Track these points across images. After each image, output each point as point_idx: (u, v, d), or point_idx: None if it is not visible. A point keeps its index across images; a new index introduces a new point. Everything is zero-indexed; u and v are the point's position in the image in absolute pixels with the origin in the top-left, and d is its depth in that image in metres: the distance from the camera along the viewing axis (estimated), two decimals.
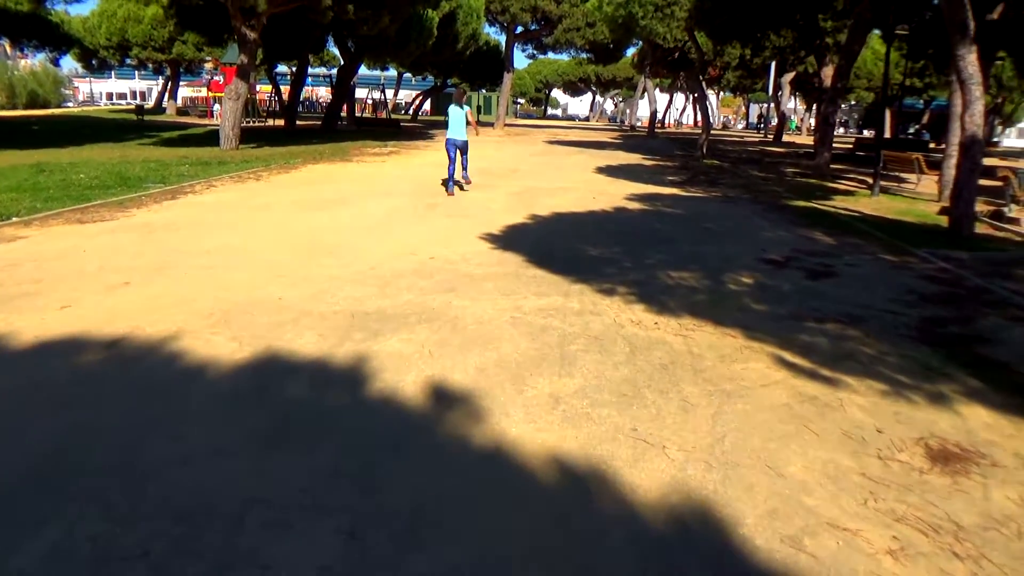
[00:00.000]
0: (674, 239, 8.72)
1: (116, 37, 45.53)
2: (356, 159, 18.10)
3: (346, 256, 7.09)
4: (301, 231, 8.38)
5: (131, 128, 32.12)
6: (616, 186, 14.11)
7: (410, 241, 7.97)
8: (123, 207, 9.81)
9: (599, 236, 8.67)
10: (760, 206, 12.17)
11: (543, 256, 7.38)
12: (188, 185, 12.26)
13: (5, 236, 7.63)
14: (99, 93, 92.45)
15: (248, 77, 20.89)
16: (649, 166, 19.60)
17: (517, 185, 13.59)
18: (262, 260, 6.82)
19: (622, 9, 19.98)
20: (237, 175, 13.99)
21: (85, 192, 10.97)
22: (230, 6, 19.44)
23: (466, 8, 30.31)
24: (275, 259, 6.89)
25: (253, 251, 7.22)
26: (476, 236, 8.37)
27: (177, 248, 7.25)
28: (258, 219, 9.11)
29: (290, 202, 10.60)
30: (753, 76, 52.35)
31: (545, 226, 9.30)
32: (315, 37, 30.46)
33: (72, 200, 10.17)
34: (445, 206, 10.66)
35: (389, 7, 19.75)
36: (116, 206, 9.88)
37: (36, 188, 11.37)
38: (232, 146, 20.17)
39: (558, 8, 37.77)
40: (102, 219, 8.87)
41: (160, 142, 23.66)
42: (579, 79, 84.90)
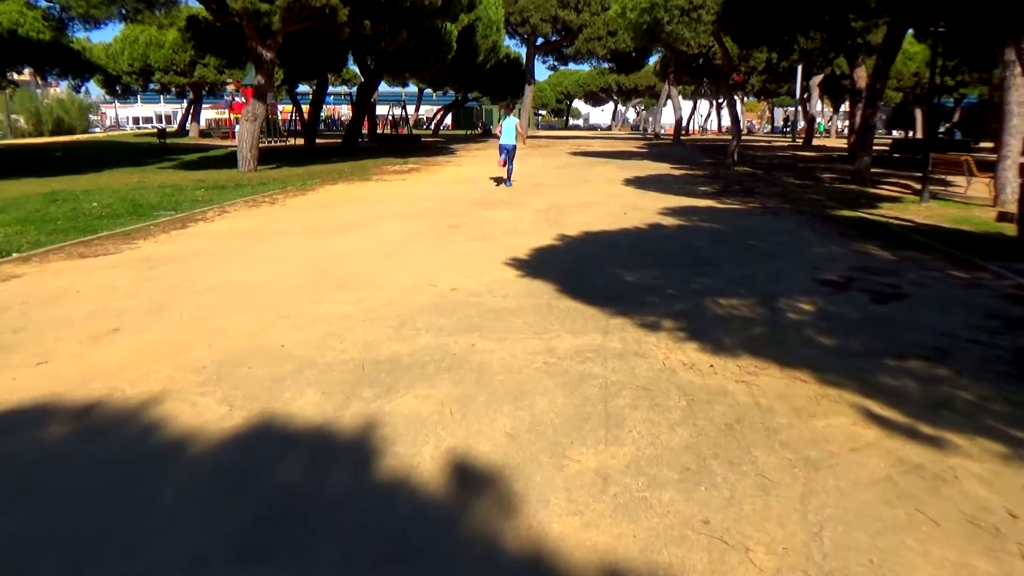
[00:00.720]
0: (718, 259, 7.98)
1: (138, 62, 45.87)
2: (376, 178, 17.58)
3: (359, 289, 6.47)
4: (313, 260, 7.79)
5: (153, 152, 32.10)
6: (647, 199, 13.39)
7: (430, 269, 7.33)
8: (129, 239, 9.30)
9: (635, 258, 7.96)
10: (804, 217, 11.37)
11: (576, 284, 6.69)
12: (200, 212, 11.78)
13: (1, 275, 7.14)
14: (125, 118, 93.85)
15: (265, 97, 20.53)
16: (678, 176, 18.84)
17: (542, 201, 12.93)
18: (268, 297, 6.22)
19: (646, 15, 19.30)
20: (252, 199, 13.51)
21: (93, 223, 10.52)
22: (245, 27, 19.11)
23: (485, 21, 29.84)
24: (282, 295, 6.27)
25: (259, 286, 6.62)
26: (501, 262, 7.71)
27: (178, 285, 6.68)
28: (269, 248, 8.54)
29: (304, 227, 10.03)
30: (778, 80, 51.36)
31: (575, 248, 8.62)
32: (334, 56, 30.20)
33: (78, 232, 9.71)
34: (468, 227, 10.02)
35: (407, 21, 19.28)
36: (122, 237, 9.38)
37: (44, 219, 10.96)
38: (250, 168, 19.80)
39: (579, 18, 37.23)
40: (105, 252, 8.35)
41: (180, 165, 23.45)
42: (600, 89, 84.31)
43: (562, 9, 36.57)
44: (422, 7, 18.29)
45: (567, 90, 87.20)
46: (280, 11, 16.58)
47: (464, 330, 5.29)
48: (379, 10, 18.12)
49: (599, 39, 38.27)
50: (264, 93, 20.28)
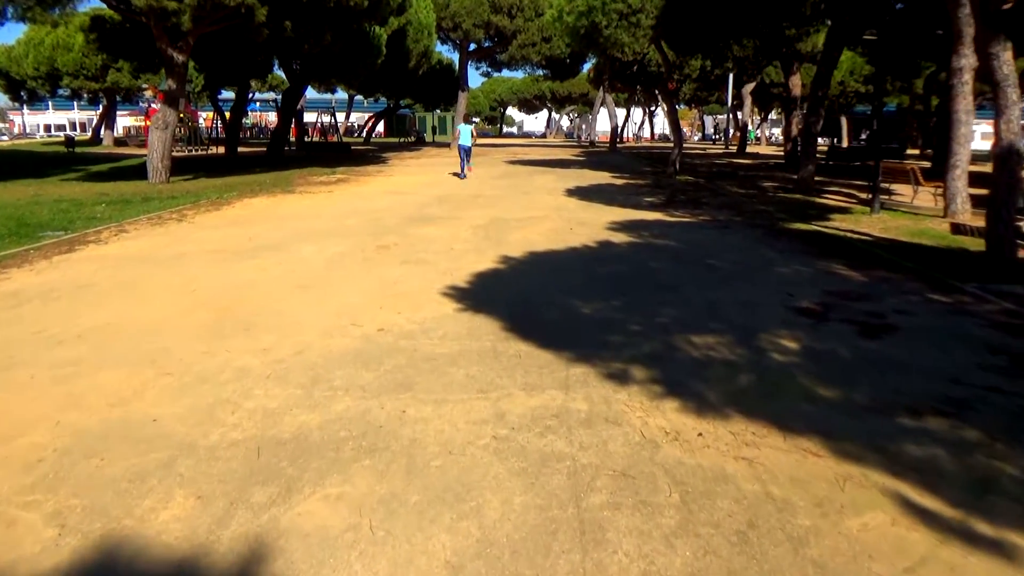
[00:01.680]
0: (679, 283, 7.17)
1: (44, 66, 42.95)
2: (300, 190, 16.32)
3: (267, 332, 5.37)
4: (216, 293, 6.63)
5: (59, 162, 29.81)
6: (592, 212, 12.58)
7: (354, 302, 6.27)
8: (0, 267, 7.93)
9: (588, 284, 7.08)
10: (758, 231, 10.73)
11: (525, 319, 5.75)
12: (95, 232, 10.38)
13: None
14: (36, 125, 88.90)
15: (177, 103, 18.98)
16: (620, 185, 18.17)
17: (482, 215, 11.98)
18: (151, 345, 5.06)
19: (584, 19, 18.59)
20: (158, 215, 12.13)
21: None
22: (153, 27, 17.58)
23: (416, 25, 28.77)
24: (169, 343, 5.13)
25: (143, 330, 5.45)
26: (438, 291, 6.71)
27: (41, 331, 5.45)
28: (165, 277, 7.31)
29: (212, 250, 8.81)
30: (709, 88, 51.89)
31: (521, 272, 7.68)
32: (258, 60, 28.65)
33: None
34: (399, 248, 8.98)
35: (331, 23, 18.07)
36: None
37: None
38: (162, 179, 18.24)
39: (512, 23, 36.49)
40: None
41: (86, 176, 21.59)
42: (534, 96, 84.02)
43: (495, 14, 35.76)
44: (347, 8, 17.13)
45: (501, 97, 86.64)
46: (190, 10, 15.20)
47: (392, 388, 4.28)
48: (301, 11, 16.88)
49: (533, 45, 37.59)
50: (176, 99, 18.74)
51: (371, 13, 19.32)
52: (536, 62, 39.87)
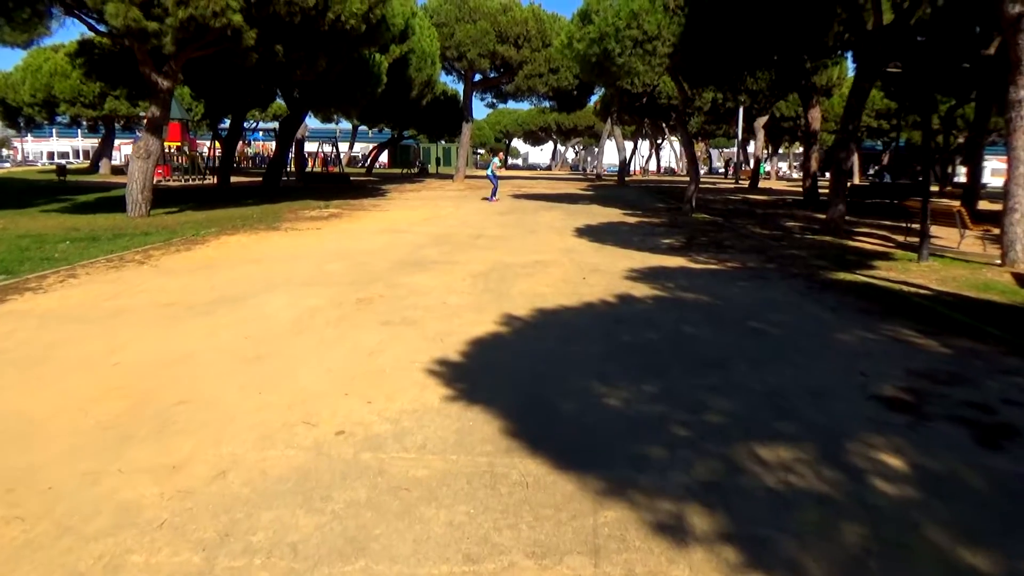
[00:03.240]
0: (724, 357, 5.77)
1: (42, 93, 42.15)
2: (286, 227, 15.02)
3: (184, 437, 3.98)
4: (141, 369, 5.24)
5: (47, 191, 28.73)
6: (606, 256, 11.24)
7: (314, 385, 4.89)
8: None
9: (613, 357, 5.69)
10: (798, 282, 9.36)
11: (534, 415, 4.37)
12: (39, 277, 9.05)
13: None
14: (39, 153, 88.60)
15: (160, 132, 17.82)
16: (634, 224, 16.86)
17: (482, 259, 10.65)
18: (13, 464, 3.66)
19: (596, 47, 17.44)
20: (119, 256, 10.82)
21: None
22: (137, 50, 16.48)
23: (419, 53, 27.76)
24: (42, 458, 3.72)
25: (13, 435, 4.06)
26: (423, 366, 5.33)
27: None
28: (88, 344, 5.94)
29: (162, 303, 7.45)
30: (719, 121, 51.02)
31: (528, 338, 6.29)
32: (259, 89, 27.63)
33: None
34: (383, 302, 7.61)
35: (326, 48, 16.94)
36: None
37: None
38: (141, 212, 17.00)
39: (519, 54, 35.61)
40: None
41: (68, 208, 20.40)
42: (540, 128, 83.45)
43: (501, 44, 34.89)
44: (342, 32, 16.00)
45: (506, 129, 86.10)
46: (172, 31, 14.04)
47: (337, 552, 2.88)
48: (293, 35, 15.74)
49: (540, 76, 36.65)
50: (159, 126, 17.57)
51: (369, 39, 18.21)
52: (543, 93, 38.92)
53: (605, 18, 17.36)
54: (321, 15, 15.23)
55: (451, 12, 34.24)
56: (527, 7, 35.69)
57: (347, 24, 15.66)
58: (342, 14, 15.43)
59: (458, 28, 34.18)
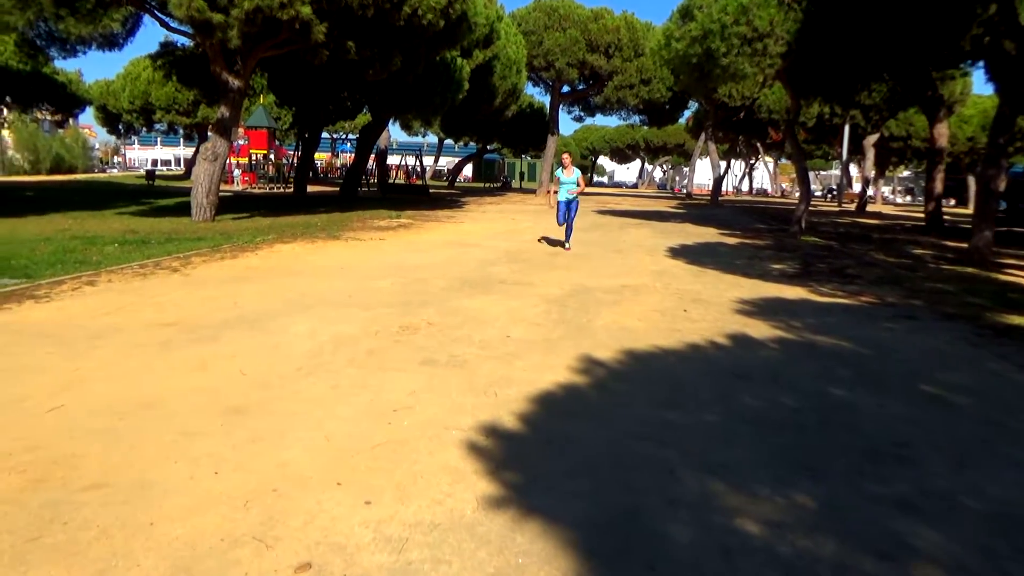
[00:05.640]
0: (903, 443, 3.90)
1: (139, 100, 43.24)
2: (348, 236, 13.78)
3: (51, 567, 2.48)
4: (80, 420, 3.82)
5: (132, 194, 28.96)
6: (708, 283, 9.39)
7: (296, 463, 3.34)
8: None
9: (737, 437, 3.91)
10: (961, 326, 7.27)
11: (623, 562, 2.68)
12: (53, 283, 7.97)
13: None
14: (145, 160, 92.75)
15: (229, 133, 17.01)
16: (734, 245, 14.84)
17: (560, 281, 9.00)
18: None
19: (698, 46, 15.59)
20: (156, 262, 9.73)
21: None
22: (208, 49, 15.74)
23: (504, 60, 26.44)
24: None
25: None
26: (460, 439, 3.71)
27: None
28: (38, 375, 4.59)
29: (162, 323, 6.12)
30: (821, 139, 47.77)
31: (613, 398, 4.58)
32: (342, 98, 26.96)
33: None
34: (430, 333, 6.06)
35: (401, 46, 15.74)
36: None
37: None
38: (206, 217, 16.20)
39: (609, 63, 33.94)
40: None
41: (141, 211, 20.02)
42: (627, 145, 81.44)
43: (591, 53, 33.31)
44: (419, 28, 14.73)
45: (592, 145, 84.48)
46: (238, 23, 13.07)
47: None
48: (366, 30, 14.59)
49: (631, 87, 34.84)
50: (228, 128, 16.75)
51: (448, 38, 16.93)
52: (633, 106, 37.04)
53: (709, 14, 15.50)
54: (396, 8, 14.01)
55: (539, 20, 32.94)
56: (619, 15, 34.05)
57: (424, 19, 14.39)
58: (419, 8, 14.18)
59: (546, 36, 32.83)
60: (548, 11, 33.28)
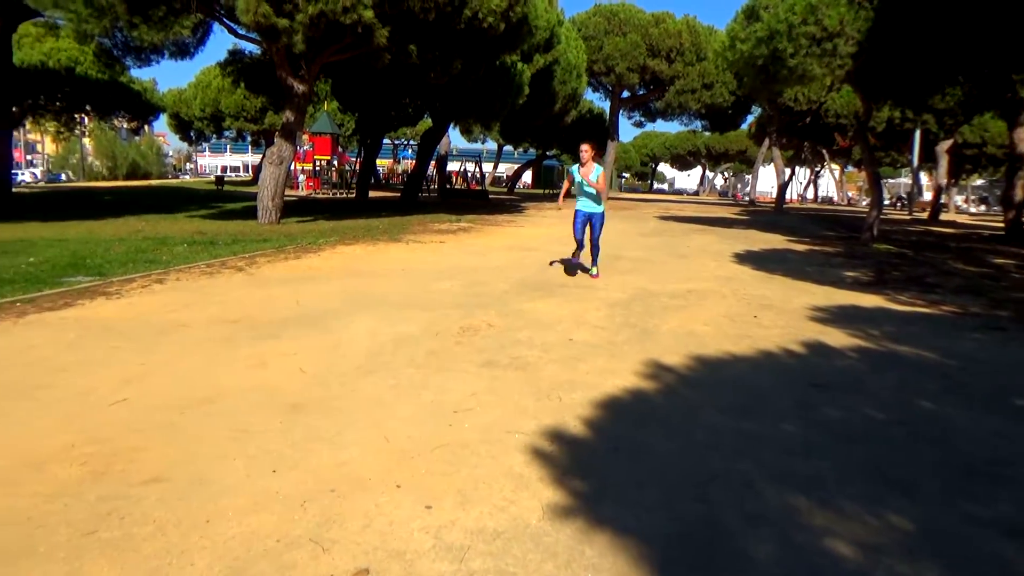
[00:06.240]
0: (1001, 461, 3.57)
1: (210, 108, 44.68)
2: (409, 239, 13.81)
3: (105, 561, 2.41)
4: (142, 413, 3.82)
5: (202, 199, 29.92)
6: (777, 288, 9.03)
7: (355, 463, 3.24)
8: None
9: (821, 449, 3.64)
10: None
11: (698, 560, 2.48)
12: (123, 280, 8.16)
13: None
14: (215, 167, 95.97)
15: (294, 137, 17.30)
16: (803, 252, 14.33)
17: (621, 285, 8.79)
18: None
19: (764, 47, 15.14)
20: (223, 262, 9.90)
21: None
22: (274, 54, 16.05)
23: (564, 64, 26.28)
24: None
25: None
26: (523, 443, 3.56)
27: None
28: (104, 369, 4.64)
29: (227, 320, 6.16)
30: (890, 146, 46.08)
31: (683, 405, 4.36)
32: (403, 103, 27.25)
33: None
34: (490, 335, 5.94)
35: (462, 50, 15.75)
36: None
37: None
38: (271, 219, 16.49)
39: (670, 68, 33.46)
40: None
41: (210, 214, 20.64)
42: (688, 152, 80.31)
43: (652, 58, 32.89)
44: (479, 31, 14.71)
45: (652, 152, 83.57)
46: (303, 28, 13.26)
47: None
48: (427, 33, 14.64)
49: (692, 92, 34.28)
50: (293, 132, 17.05)
51: (509, 42, 16.87)
52: (694, 111, 36.44)
53: (776, 14, 15.04)
54: (457, 12, 14.01)
55: (600, 25, 32.71)
56: (681, 19, 33.55)
57: (484, 22, 14.36)
58: (479, 11, 14.15)
59: (606, 41, 32.56)
60: (608, 16, 33.02)
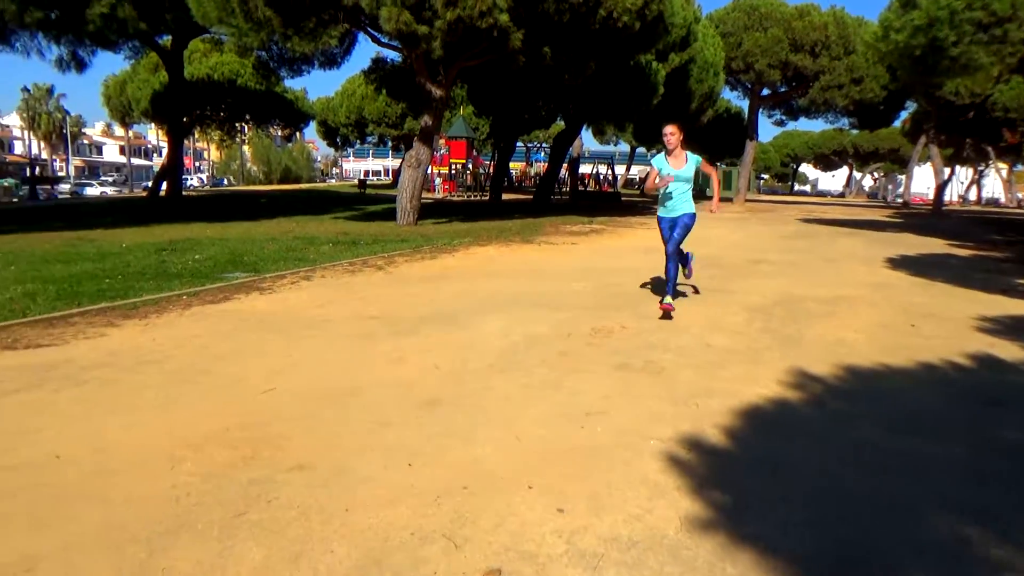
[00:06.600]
0: None
1: (354, 115, 47.02)
2: (541, 240, 13.85)
3: (254, 544, 2.49)
4: (289, 401, 4.00)
5: (346, 201, 31.52)
6: (937, 296, 8.30)
7: (487, 461, 3.23)
8: (104, 317, 6.23)
9: (990, 473, 3.25)
10: None
11: None
12: (275, 277, 8.68)
13: None
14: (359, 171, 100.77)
15: (432, 141, 17.84)
16: (967, 257, 13.12)
17: (762, 289, 8.37)
18: None
19: (921, 36, 13.99)
20: (364, 260, 10.33)
21: (144, 284, 7.95)
22: (413, 61, 16.61)
23: (701, 62, 25.54)
24: (33, 546, 2.51)
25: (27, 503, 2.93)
26: (659, 449, 3.41)
27: None
28: (257, 359, 4.93)
29: (367, 316, 6.39)
30: None
31: (832, 418, 4.04)
32: (537, 107, 27.51)
33: (98, 297, 6.97)
34: (624, 336, 5.81)
35: (596, 51, 15.63)
36: (115, 314, 6.34)
37: (93, 276, 8.43)
38: (409, 221, 17.08)
39: (815, 63, 31.72)
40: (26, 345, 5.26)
41: (353, 216, 21.74)
42: (833, 152, 75.98)
43: (795, 53, 31.29)
44: (614, 31, 14.54)
45: (794, 152, 79.80)
46: (441, 34, 13.64)
47: None
48: (561, 35, 14.64)
49: (839, 87, 32.29)
50: (431, 136, 17.58)
51: (644, 41, 16.57)
52: (841, 107, 34.32)
53: (936, 0, 13.90)
54: (592, 12, 13.92)
55: (739, 20, 31.51)
56: (827, 11, 31.70)
57: (619, 21, 14.18)
58: (614, 10, 13.99)
59: (746, 37, 31.33)
60: (748, 11, 31.76)
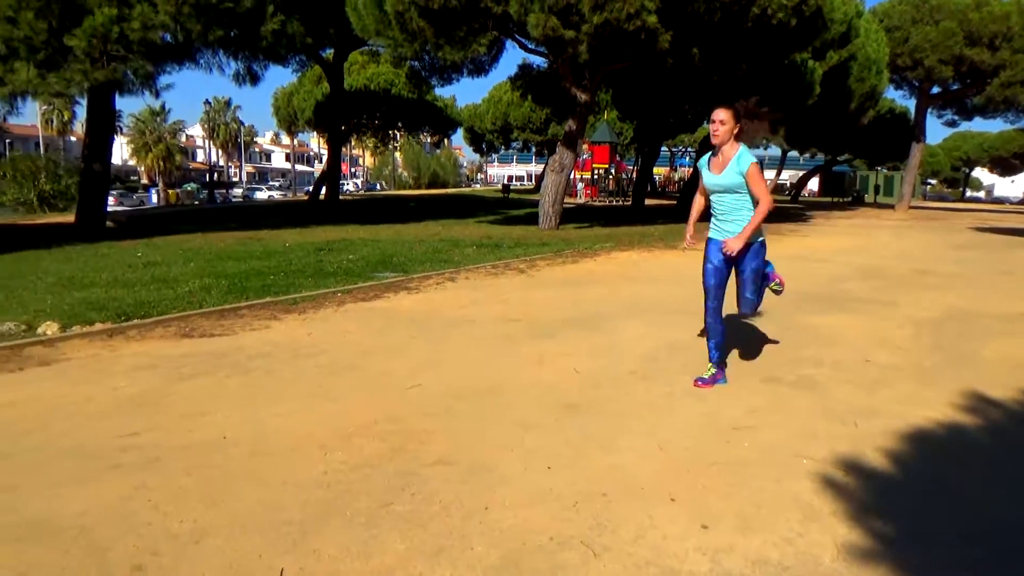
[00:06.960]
0: None
1: (500, 121, 48.01)
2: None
3: (396, 535, 2.56)
4: (433, 398, 4.11)
5: (490, 205, 32.24)
6: None
7: (627, 469, 3.16)
8: (269, 311, 6.70)
9: None
10: None
11: None
12: (422, 277, 9.00)
13: None
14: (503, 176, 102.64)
15: (575, 146, 17.87)
16: None
17: (931, 302, 7.70)
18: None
19: None
20: (506, 263, 10.49)
21: (304, 281, 8.53)
22: (559, 66, 16.72)
23: (862, 59, 23.92)
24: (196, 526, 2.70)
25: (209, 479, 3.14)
26: (812, 470, 3.19)
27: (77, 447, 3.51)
28: (403, 356, 5.11)
29: (508, 318, 6.47)
30: None
31: (1014, 448, 3.64)
32: (682, 110, 26.90)
33: (263, 292, 7.58)
34: (769, 350, 5.53)
35: (749, 52, 15.05)
36: (277, 308, 6.82)
37: (259, 273, 9.13)
38: (551, 224, 17.23)
39: (993, 57, 28.90)
40: (200, 334, 5.75)
41: (496, 219, 22.25)
42: (1013, 154, 68.98)
43: (970, 47, 28.65)
44: (769, 28, 13.91)
45: (966, 155, 73.28)
46: (587, 38, 13.62)
47: None
48: (710, 35, 14.21)
49: (1023, 83, 29.24)
50: (574, 140, 17.61)
51: (800, 40, 15.76)
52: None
53: None
54: (745, 9, 13.40)
55: (906, 13, 29.28)
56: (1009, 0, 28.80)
57: (774, 18, 13.54)
58: (769, 6, 13.38)
59: (914, 31, 29.06)
60: (916, 3, 29.42)
